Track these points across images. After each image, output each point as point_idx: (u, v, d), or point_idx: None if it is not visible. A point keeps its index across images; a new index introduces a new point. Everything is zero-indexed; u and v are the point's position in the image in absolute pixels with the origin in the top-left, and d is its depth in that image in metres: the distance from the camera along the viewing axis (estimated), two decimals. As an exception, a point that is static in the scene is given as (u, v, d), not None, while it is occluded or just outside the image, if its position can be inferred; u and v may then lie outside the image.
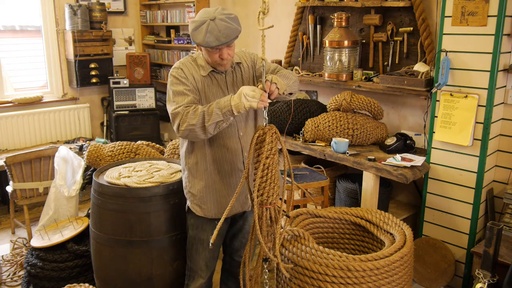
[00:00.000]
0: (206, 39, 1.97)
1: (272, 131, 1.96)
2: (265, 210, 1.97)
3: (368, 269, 2.00)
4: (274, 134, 1.96)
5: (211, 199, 2.22)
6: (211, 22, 1.97)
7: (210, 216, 2.24)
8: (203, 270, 2.33)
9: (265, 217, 1.97)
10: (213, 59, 2.08)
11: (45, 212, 3.42)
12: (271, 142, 1.94)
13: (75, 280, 2.94)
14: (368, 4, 3.41)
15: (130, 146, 3.30)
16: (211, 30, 1.97)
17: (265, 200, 1.96)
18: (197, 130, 1.99)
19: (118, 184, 2.53)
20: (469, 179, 2.86)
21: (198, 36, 2.00)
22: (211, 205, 2.23)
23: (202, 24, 1.99)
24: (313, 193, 3.61)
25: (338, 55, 3.56)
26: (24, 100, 4.85)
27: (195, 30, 2.01)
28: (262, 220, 1.97)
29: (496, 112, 2.82)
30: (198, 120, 1.97)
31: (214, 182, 2.21)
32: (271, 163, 1.94)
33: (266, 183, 1.94)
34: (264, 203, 1.96)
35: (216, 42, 1.98)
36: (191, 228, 2.32)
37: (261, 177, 1.94)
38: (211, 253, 2.32)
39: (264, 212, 1.97)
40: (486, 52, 2.67)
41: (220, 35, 1.96)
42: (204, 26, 1.98)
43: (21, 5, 4.94)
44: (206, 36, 1.97)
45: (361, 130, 3.27)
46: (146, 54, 5.49)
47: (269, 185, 1.95)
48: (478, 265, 2.59)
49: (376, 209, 2.58)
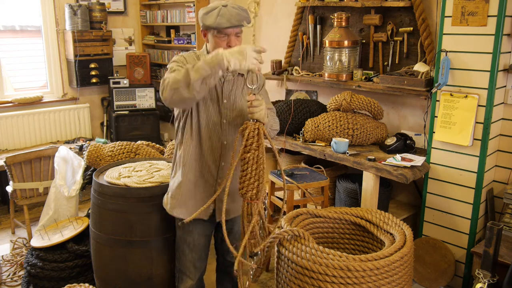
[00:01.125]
0: (217, 20, 1.98)
1: (255, 126, 1.95)
2: (246, 205, 2.00)
3: (368, 269, 2.00)
4: (256, 130, 1.95)
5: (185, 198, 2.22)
6: (223, 7, 2.01)
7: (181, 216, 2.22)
8: (191, 271, 2.33)
9: (246, 211, 2.00)
10: (220, 47, 2.06)
11: (45, 212, 3.42)
12: (252, 137, 1.94)
13: (75, 280, 2.94)
14: (368, 4, 3.41)
15: (130, 146, 3.30)
16: (222, 13, 1.99)
17: (244, 194, 1.99)
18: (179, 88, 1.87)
19: (118, 184, 2.53)
20: (469, 179, 2.86)
21: (209, 18, 2.01)
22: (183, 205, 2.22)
23: (213, 9, 2.02)
24: (313, 193, 3.61)
25: (338, 55, 3.56)
26: (24, 100, 4.85)
27: (206, 14, 2.02)
28: (244, 214, 2.01)
29: (496, 112, 2.82)
30: (183, 76, 1.86)
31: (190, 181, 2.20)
32: (251, 158, 1.95)
33: (246, 177, 1.97)
34: (244, 197, 2.00)
35: (228, 23, 1.98)
36: (178, 230, 2.33)
37: (241, 171, 1.97)
38: (198, 254, 2.31)
39: (245, 206, 2.00)
40: (486, 52, 2.67)
41: (231, 18, 1.98)
42: (216, 10, 2.01)
43: (21, 5, 4.94)
44: (218, 18, 1.99)
45: (361, 130, 3.27)
46: (146, 54, 5.49)
47: (249, 180, 1.96)
48: (478, 265, 2.59)
49: (376, 209, 2.58)
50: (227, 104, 2.17)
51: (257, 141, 1.96)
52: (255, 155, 1.96)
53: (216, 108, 2.15)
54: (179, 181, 2.21)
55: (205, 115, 2.14)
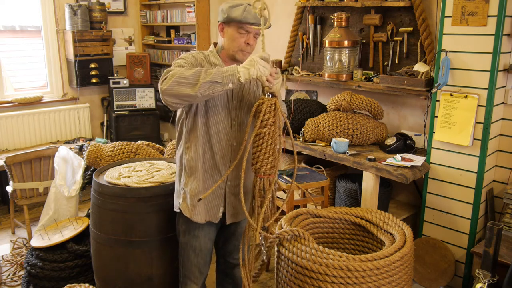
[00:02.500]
0: (244, 14, 1.98)
1: (272, 101, 1.95)
2: (258, 180, 1.99)
3: (368, 269, 2.00)
4: (272, 105, 1.94)
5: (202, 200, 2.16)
6: (248, 6, 2.00)
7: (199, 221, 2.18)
8: (196, 276, 2.30)
9: (258, 186, 1.99)
10: (238, 43, 2.05)
11: (45, 212, 3.42)
12: (269, 113, 1.93)
13: (75, 280, 2.94)
14: (368, 4, 3.41)
15: (130, 146, 3.30)
16: (248, 10, 1.99)
17: (258, 169, 1.98)
18: (186, 83, 1.84)
19: (118, 184, 2.53)
20: (469, 179, 2.86)
21: (235, 12, 2.00)
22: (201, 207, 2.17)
23: (239, 5, 2.01)
24: (313, 193, 3.61)
25: (338, 55, 3.56)
26: (24, 100, 4.85)
27: (232, 7, 2.01)
28: (256, 190, 1.99)
29: (496, 112, 2.82)
30: (194, 74, 1.85)
31: (207, 182, 2.15)
32: (267, 133, 1.94)
33: (261, 152, 1.96)
34: (258, 172, 1.98)
35: (254, 19, 1.99)
36: (182, 235, 2.27)
37: (256, 146, 1.96)
38: (203, 259, 2.28)
39: (258, 181, 1.99)
40: (486, 52, 2.67)
41: (256, 16, 1.98)
42: (242, 6, 2.00)
43: (21, 5, 4.94)
44: (244, 13, 1.98)
45: (361, 130, 3.27)
46: (146, 54, 5.49)
47: (263, 155, 1.96)
48: (478, 265, 2.59)
49: (376, 209, 2.58)
50: (236, 105, 2.13)
51: (274, 116, 1.95)
52: (271, 130, 1.95)
53: (226, 110, 2.10)
54: (195, 187, 2.15)
55: (214, 119, 2.09)
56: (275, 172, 2.03)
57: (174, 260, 2.52)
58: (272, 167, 1.99)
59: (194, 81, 1.84)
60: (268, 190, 1.99)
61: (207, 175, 2.14)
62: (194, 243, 2.24)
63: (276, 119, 1.96)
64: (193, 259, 2.27)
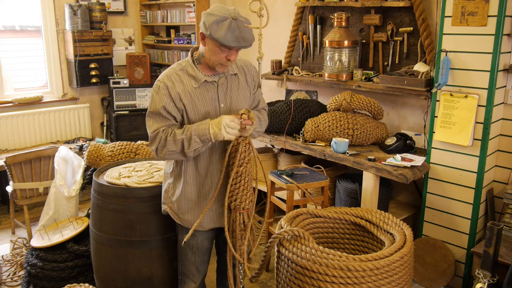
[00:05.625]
0: (226, 37, 1.89)
1: (246, 141, 2.08)
2: (238, 215, 2.11)
3: (368, 269, 1.99)
4: (247, 145, 2.08)
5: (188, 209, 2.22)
6: (233, 21, 1.91)
7: (187, 226, 2.23)
8: (194, 274, 2.33)
9: (238, 221, 2.12)
10: (218, 58, 2.00)
11: (45, 212, 3.42)
12: (244, 152, 2.07)
13: (75, 280, 2.94)
14: (368, 4, 3.41)
15: (130, 146, 3.30)
16: (233, 29, 1.90)
17: (238, 205, 2.11)
18: (176, 156, 2.08)
19: (118, 184, 2.53)
20: (469, 179, 2.86)
21: (219, 31, 1.90)
22: (188, 215, 2.23)
23: (224, 19, 1.91)
24: (313, 193, 3.61)
25: (338, 55, 3.56)
26: (24, 100, 4.85)
27: (217, 23, 1.90)
28: (236, 224, 2.12)
29: (496, 112, 2.82)
30: (178, 148, 2.03)
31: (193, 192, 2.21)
32: (244, 171, 2.08)
33: (239, 190, 2.10)
34: (237, 208, 2.11)
35: (235, 43, 1.92)
36: (180, 233, 2.31)
37: (234, 184, 2.08)
38: (201, 258, 2.30)
39: (237, 216, 2.11)
40: (486, 52, 2.67)
41: (240, 37, 1.91)
42: (227, 22, 1.90)
43: (21, 5, 4.94)
44: (228, 34, 1.89)
45: (361, 130, 3.27)
46: (146, 54, 5.49)
47: (242, 191, 2.10)
48: (478, 265, 2.59)
49: (376, 209, 2.58)
50: (225, 108, 2.13)
51: (248, 155, 2.10)
52: (247, 167, 2.10)
53: (214, 114, 2.11)
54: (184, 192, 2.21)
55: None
56: (253, 206, 2.17)
57: (174, 260, 2.52)
58: (250, 202, 2.14)
59: (181, 152, 2.05)
60: (248, 223, 2.14)
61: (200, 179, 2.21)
62: (192, 241, 2.26)
63: (251, 157, 2.12)
64: (191, 257, 2.30)
